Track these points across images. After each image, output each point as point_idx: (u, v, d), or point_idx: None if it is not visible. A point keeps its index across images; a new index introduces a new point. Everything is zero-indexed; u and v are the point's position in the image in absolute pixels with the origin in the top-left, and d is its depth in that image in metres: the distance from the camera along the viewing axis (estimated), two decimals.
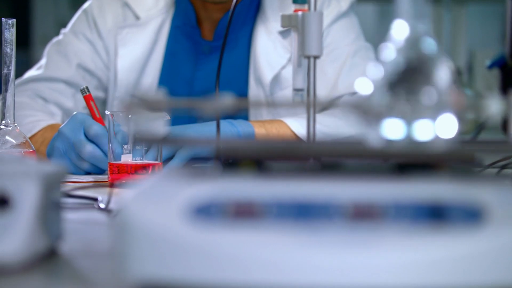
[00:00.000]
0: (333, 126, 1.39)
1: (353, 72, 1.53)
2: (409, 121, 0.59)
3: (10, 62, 1.17)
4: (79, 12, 1.66)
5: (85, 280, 0.60)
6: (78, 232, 0.77)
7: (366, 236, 0.53)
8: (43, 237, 0.63)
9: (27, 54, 4.39)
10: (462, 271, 0.52)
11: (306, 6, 0.99)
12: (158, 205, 0.55)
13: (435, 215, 0.54)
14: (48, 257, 0.65)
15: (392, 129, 0.59)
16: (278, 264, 0.53)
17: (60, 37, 1.64)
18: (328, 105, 1.40)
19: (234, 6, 1.02)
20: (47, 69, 1.59)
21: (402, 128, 0.59)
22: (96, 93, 1.62)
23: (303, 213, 0.54)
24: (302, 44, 0.96)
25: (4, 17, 1.17)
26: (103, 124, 1.27)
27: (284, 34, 1.56)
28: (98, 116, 1.29)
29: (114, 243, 0.62)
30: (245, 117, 1.53)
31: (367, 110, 0.61)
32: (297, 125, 1.39)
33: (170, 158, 1.26)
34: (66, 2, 4.41)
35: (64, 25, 1.73)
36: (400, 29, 0.63)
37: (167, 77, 1.59)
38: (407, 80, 0.61)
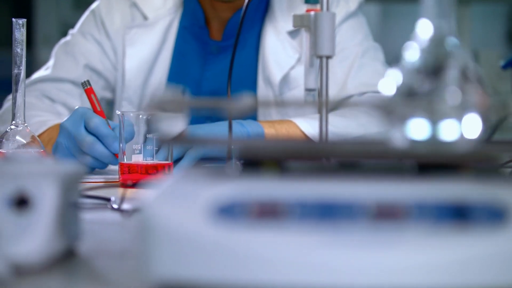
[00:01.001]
0: (342, 126, 1.38)
1: (361, 72, 1.53)
2: (432, 121, 0.59)
3: (21, 62, 1.17)
4: (87, 13, 1.66)
5: (104, 280, 0.60)
6: (93, 232, 0.77)
7: (389, 236, 0.53)
8: (62, 238, 0.63)
9: (29, 55, 4.39)
10: (485, 271, 0.52)
11: (318, 6, 0.99)
12: (181, 205, 0.55)
13: (458, 215, 0.54)
14: (67, 257, 0.65)
15: (416, 129, 0.59)
16: (301, 264, 0.53)
17: (68, 37, 1.64)
18: (337, 105, 1.40)
19: (247, 6, 1.02)
20: (54, 70, 1.59)
21: (426, 128, 0.59)
22: (103, 93, 1.62)
23: (326, 213, 0.54)
24: (314, 44, 0.96)
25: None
26: (104, 117, 1.27)
27: (293, 34, 1.56)
28: (99, 109, 1.29)
29: (135, 243, 0.62)
30: (254, 117, 1.53)
31: (391, 110, 0.61)
32: (306, 126, 1.39)
33: (179, 159, 1.26)
34: (68, 3, 4.41)
35: (66, 25, 1.73)
36: (424, 29, 0.63)
37: (175, 77, 1.59)
38: (431, 79, 0.61)
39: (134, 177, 1.16)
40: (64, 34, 1.69)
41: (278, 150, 0.61)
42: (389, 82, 0.62)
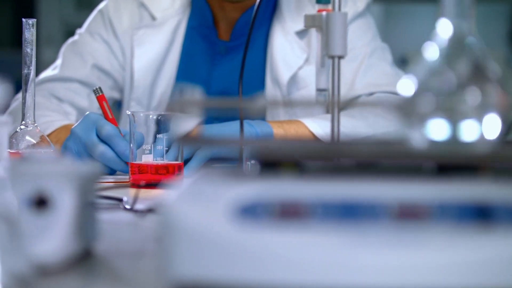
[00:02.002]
0: (350, 126, 1.38)
1: (370, 72, 1.53)
2: (452, 121, 0.59)
3: (31, 62, 1.17)
4: (94, 12, 1.65)
5: (123, 280, 0.60)
6: (107, 232, 0.77)
7: (411, 236, 0.53)
8: (81, 238, 0.63)
9: None
10: (507, 271, 0.52)
11: (329, 6, 0.99)
12: (202, 205, 0.55)
13: (481, 215, 0.54)
14: (85, 258, 0.65)
15: (435, 130, 0.59)
16: (323, 265, 0.53)
17: (76, 37, 1.64)
18: (346, 105, 1.40)
19: (258, 6, 1.02)
20: (62, 69, 1.59)
21: (445, 128, 0.59)
22: (111, 93, 1.62)
23: (349, 213, 0.54)
24: (326, 44, 0.96)
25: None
26: (115, 124, 1.27)
27: (301, 34, 1.56)
28: (110, 116, 1.29)
29: (154, 243, 0.62)
30: (262, 118, 1.53)
31: (410, 111, 0.61)
32: (315, 126, 1.39)
33: (188, 159, 1.26)
34: (71, 3, 4.41)
35: (69, 25, 1.73)
36: (444, 28, 0.63)
37: (183, 78, 1.59)
38: (450, 79, 0.61)
39: (144, 177, 1.16)
40: (67, 34, 1.70)
41: (295, 151, 0.61)
42: (407, 82, 0.62)
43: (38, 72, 1.61)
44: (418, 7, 4.03)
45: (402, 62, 1.55)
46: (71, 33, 1.70)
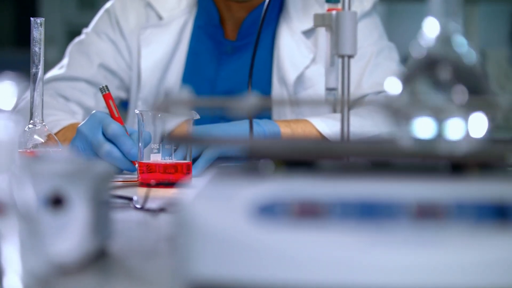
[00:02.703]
0: (357, 125, 1.38)
1: (376, 71, 1.53)
2: (438, 120, 0.59)
3: (39, 61, 1.17)
4: (101, 12, 1.65)
5: (139, 280, 0.60)
6: (120, 231, 0.77)
7: (430, 235, 0.53)
8: (96, 237, 0.63)
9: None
10: None
11: (338, 5, 0.99)
12: (221, 205, 0.55)
13: (499, 214, 0.54)
14: (100, 257, 0.65)
15: (422, 128, 0.59)
16: (342, 264, 0.53)
17: (82, 36, 1.64)
18: (353, 104, 1.39)
19: (267, 6, 1.02)
20: (69, 69, 1.59)
21: (430, 127, 0.59)
22: (118, 93, 1.62)
23: (367, 212, 0.54)
24: (335, 43, 0.96)
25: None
26: (121, 123, 1.27)
27: (307, 34, 1.56)
28: (116, 115, 1.28)
29: (169, 242, 0.62)
30: (269, 117, 1.53)
31: (397, 110, 0.61)
32: (322, 125, 1.39)
33: (196, 158, 1.26)
34: (73, 3, 4.41)
35: (71, 25, 1.72)
36: (431, 27, 0.63)
37: (190, 77, 1.59)
38: (437, 78, 0.61)
39: (153, 176, 1.16)
40: (69, 34, 1.69)
41: (308, 149, 0.61)
42: (394, 81, 0.62)
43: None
44: (421, 6, 4.03)
45: (405, 61, 1.55)
46: (73, 33, 1.70)
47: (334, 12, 0.98)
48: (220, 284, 0.53)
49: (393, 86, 0.61)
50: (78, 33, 1.68)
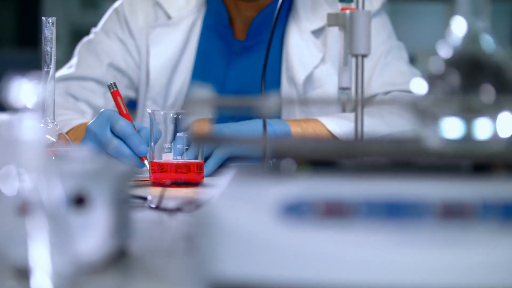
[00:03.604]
0: (367, 124, 1.38)
1: (386, 71, 1.53)
2: (466, 119, 0.59)
3: (50, 60, 1.17)
4: (110, 11, 1.65)
5: (161, 279, 0.60)
6: (137, 231, 0.77)
7: (455, 235, 0.53)
8: (118, 236, 0.63)
9: (36, 54, 4.39)
10: None
11: (352, 5, 0.99)
12: (246, 204, 0.55)
13: None
14: (121, 256, 0.65)
15: (450, 128, 0.59)
16: (368, 263, 0.53)
17: (91, 36, 1.64)
18: (366, 104, 1.39)
19: (281, 5, 1.02)
20: (78, 68, 1.59)
21: (459, 127, 0.59)
22: (127, 92, 1.62)
23: (393, 212, 0.54)
24: (349, 42, 0.96)
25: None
26: (130, 119, 1.27)
27: (316, 33, 1.56)
28: (125, 112, 1.28)
29: (193, 241, 0.61)
30: (278, 117, 1.52)
31: (423, 109, 0.61)
32: (333, 125, 1.38)
33: (207, 157, 1.26)
34: (76, 3, 4.41)
35: (74, 25, 1.72)
36: (458, 26, 0.63)
37: (199, 77, 1.59)
38: (465, 77, 0.61)
39: (165, 175, 1.16)
40: (72, 34, 1.69)
41: (336, 149, 0.61)
42: (420, 81, 0.62)
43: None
44: (424, 6, 4.03)
45: (410, 61, 1.56)
46: (76, 33, 1.70)
47: (348, 11, 0.98)
48: (244, 284, 0.53)
49: (420, 86, 0.61)
50: (81, 32, 1.68)
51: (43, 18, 1.17)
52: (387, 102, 1.28)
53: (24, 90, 0.53)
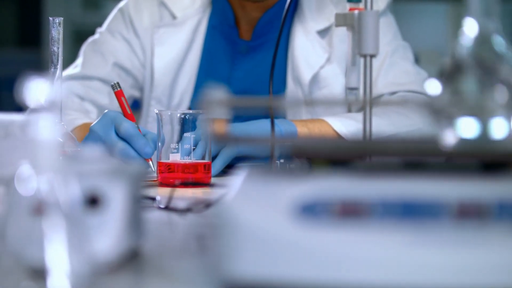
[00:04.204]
0: (374, 124, 1.38)
1: (392, 71, 1.53)
2: (481, 119, 0.59)
3: (57, 60, 1.17)
4: (115, 11, 1.65)
5: (175, 279, 0.60)
6: (148, 231, 0.77)
7: (471, 235, 0.53)
8: (131, 236, 0.63)
9: (37, 54, 4.39)
10: None
11: (360, 5, 0.99)
12: (263, 204, 0.55)
13: None
14: (134, 256, 0.65)
15: (465, 128, 0.59)
16: (384, 263, 0.53)
17: (96, 36, 1.63)
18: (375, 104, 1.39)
19: (289, 5, 1.02)
20: (83, 68, 1.59)
21: (474, 127, 0.59)
22: (132, 92, 1.62)
23: (408, 212, 0.54)
24: (358, 42, 0.96)
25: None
26: (133, 120, 1.27)
27: (322, 33, 1.56)
28: (129, 112, 1.28)
29: (214, 241, 0.61)
30: (283, 117, 1.52)
31: (438, 109, 0.61)
32: (339, 125, 1.38)
33: (213, 157, 1.25)
34: (77, 3, 4.41)
35: (75, 25, 1.72)
36: (470, 27, 0.63)
37: (204, 77, 1.59)
38: (477, 78, 0.61)
39: (173, 176, 1.16)
40: (74, 34, 1.69)
41: (344, 149, 0.61)
42: (435, 81, 0.62)
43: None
44: (427, 6, 4.03)
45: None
46: (78, 33, 1.70)
47: (356, 11, 0.98)
48: (260, 284, 0.53)
49: (434, 86, 0.61)
50: (82, 33, 1.67)
51: (50, 18, 1.17)
52: (399, 102, 1.28)
53: (39, 90, 0.53)
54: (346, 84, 0.98)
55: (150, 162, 1.23)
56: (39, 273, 0.54)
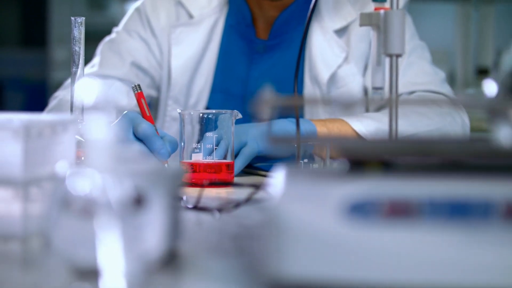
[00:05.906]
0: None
1: (409, 71, 1.53)
2: None
3: (79, 60, 1.16)
4: (131, 11, 1.65)
5: (217, 279, 0.60)
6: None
7: None
8: (171, 236, 0.63)
9: (43, 54, 4.39)
10: None
11: (385, 4, 0.99)
12: (312, 204, 0.55)
13: None
14: (174, 256, 0.65)
15: None
16: (433, 262, 0.53)
17: (113, 35, 1.63)
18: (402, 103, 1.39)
19: (313, 7, 1.02)
20: (101, 67, 1.59)
21: None
22: (149, 91, 1.61)
23: (457, 211, 0.54)
24: (384, 42, 0.96)
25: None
26: (152, 122, 1.26)
27: (339, 33, 1.55)
28: (148, 114, 1.28)
29: (263, 241, 0.61)
30: (301, 116, 1.52)
31: (496, 110, 0.60)
32: (358, 124, 1.38)
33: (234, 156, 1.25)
34: (83, 2, 4.41)
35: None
36: None
37: (221, 77, 1.59)
38: None
39: (196, 176, 1.16)
40: None
41: (386, 149, 0.61)
42: (491, 83, 0.62)
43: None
44: (436, 6, 4.03)
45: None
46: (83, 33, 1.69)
47: (382, 11, 0.98)
48: (310, 283, 0.53)
49: (490, 87, 0.61)
50: (88, 33, 1.66)
51: (72, 18, 1.17)
52: (432, 101, 1.27)
53: (87, 89, 0.53)
54: (371, 83, 0.98)
55: (166, 165, 1.22)
56: (89, 274, 0.54)
